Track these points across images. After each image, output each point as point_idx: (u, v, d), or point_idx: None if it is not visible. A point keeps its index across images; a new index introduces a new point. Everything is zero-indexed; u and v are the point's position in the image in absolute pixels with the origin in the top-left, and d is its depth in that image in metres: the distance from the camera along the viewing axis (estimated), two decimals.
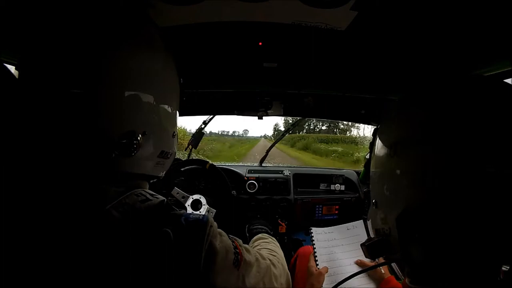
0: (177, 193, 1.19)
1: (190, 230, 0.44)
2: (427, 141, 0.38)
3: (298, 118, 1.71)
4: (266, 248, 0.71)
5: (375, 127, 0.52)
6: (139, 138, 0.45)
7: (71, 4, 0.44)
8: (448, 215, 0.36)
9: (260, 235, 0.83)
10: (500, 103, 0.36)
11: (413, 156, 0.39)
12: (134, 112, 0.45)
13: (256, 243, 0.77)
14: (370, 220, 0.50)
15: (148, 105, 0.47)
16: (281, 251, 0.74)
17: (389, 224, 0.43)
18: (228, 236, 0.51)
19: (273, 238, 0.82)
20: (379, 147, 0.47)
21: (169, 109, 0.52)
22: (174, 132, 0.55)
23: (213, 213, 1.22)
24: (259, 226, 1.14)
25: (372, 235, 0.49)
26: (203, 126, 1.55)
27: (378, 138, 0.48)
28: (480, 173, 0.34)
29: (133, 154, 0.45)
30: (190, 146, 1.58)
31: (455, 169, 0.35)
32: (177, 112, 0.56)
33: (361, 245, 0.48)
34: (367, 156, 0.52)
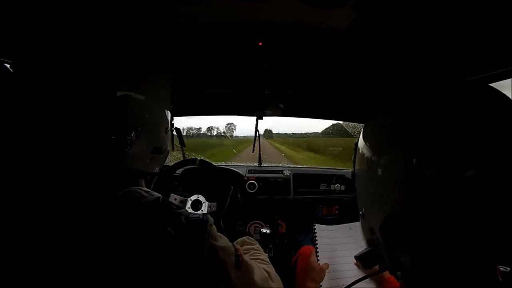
0: (175, 199, 1.18)
1: (191, 229, 0.44)
2: (409, 146, 0.36)
3: None
4: (258, 258, 0.68)
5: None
6: (132, 134, 0.46)
7: (70, 4, 0.45)
8: (432, 221, 0.34)
9: (245, 238, 0.78)
10: (479, 111, 0.35)
11: (395, 163, 0.38)
12: (127, 110, 0.47)
13: (244, 249, 0.73)
14: (362, 232, 0.48)
15: (140, 103, 0.49)
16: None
17: (377, 233, 0.42)
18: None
19: (256, 242, 0.78)
20: (363, 154, 0.44)
21: (161, 107, 0.54)
22: (167, 129, 0.57)
23: (215, 207, 1.20)
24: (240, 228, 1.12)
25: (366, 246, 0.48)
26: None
27: (362, 144, 0.45)
28: (459, 178, 0.32)
29: (127, 149, 0.46)
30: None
31: (436, 175, 0.34)
32: (169, 110, 0.59)
33: (355, 257, 0.47)
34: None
